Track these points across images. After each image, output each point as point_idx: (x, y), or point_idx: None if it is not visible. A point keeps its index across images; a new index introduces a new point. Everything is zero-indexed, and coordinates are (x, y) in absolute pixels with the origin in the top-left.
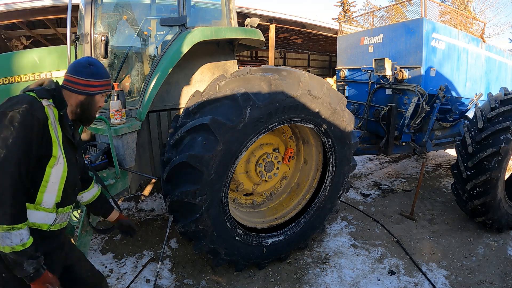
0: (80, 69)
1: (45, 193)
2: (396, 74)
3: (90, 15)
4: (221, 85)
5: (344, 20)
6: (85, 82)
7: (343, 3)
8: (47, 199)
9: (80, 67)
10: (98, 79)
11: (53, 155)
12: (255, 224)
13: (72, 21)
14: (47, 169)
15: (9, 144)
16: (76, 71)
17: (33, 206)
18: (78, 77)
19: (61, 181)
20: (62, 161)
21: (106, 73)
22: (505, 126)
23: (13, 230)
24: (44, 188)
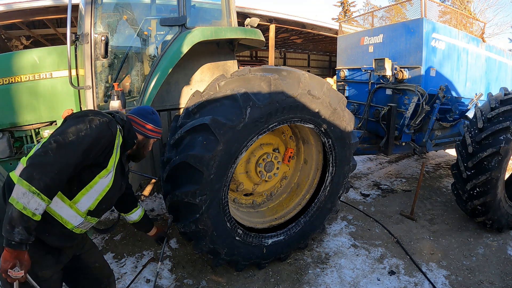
0: (145, 115)
1: (84, 196)
2: (396, 74)
3: (90, 15)
4: (221, 85)
5: (344, 20)
6: (148, 126)
7: (343, 3)
8: (84, 202)
9: (146, 113)
10: (157, 126)
11: (107, 168)
12: (255, 224)
13: (72, 21)
14: (96, 177)
15: (80, 135)
16: (143, 115)
17: (69, 202)
18: (144, 121)
19: (101, 193)
20: (110, 177)
21: (161, 124)
22: (505, 126)
23: (37, 196)
24: (86, 191)
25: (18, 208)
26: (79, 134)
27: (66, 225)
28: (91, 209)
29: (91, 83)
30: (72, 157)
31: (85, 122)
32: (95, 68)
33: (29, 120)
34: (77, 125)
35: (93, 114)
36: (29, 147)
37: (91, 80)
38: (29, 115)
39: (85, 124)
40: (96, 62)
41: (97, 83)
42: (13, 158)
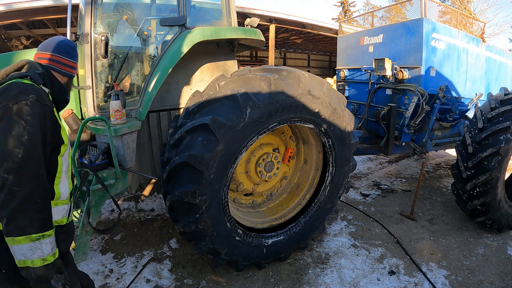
0: (70, 51)
1: (60, 185)
2: (396, 74)
3: (90, 15)
4: (221, 85)
5: (344, 20)
6: (73, 64)
7: (343, 3)
8: (63, 191)
9: (69, 49)
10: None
11: (64, 143)
12: (255, 224)
13: (72, 21)
14: (59, 160)
15: (25, 141)
16: (68, 53)
17: (53, 202)
18: (68, 59)
19: (69, 167)
20: (68, 147)
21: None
22: (505, 126)
23: (43, 238)
24: (59, 180)
25: (38, 265)
26: (22, 141)
27: (62, 222)
28: (71, 189)
29: (91, 83)
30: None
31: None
32: (95, 68)
33: None
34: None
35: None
36: None
37: (91, 80)
38: None
39: (18, 124)
40: (96, 62)
41: (97, 83)
42: None
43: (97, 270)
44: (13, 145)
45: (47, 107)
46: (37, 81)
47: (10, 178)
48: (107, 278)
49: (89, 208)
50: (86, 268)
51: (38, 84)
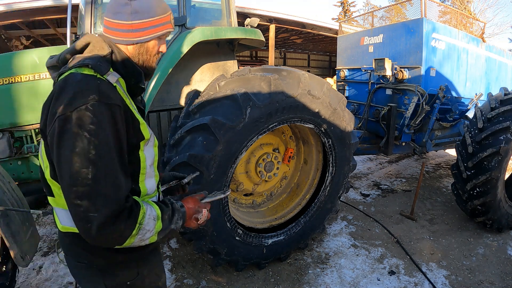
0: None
1: (145, 181)
2: (396, 74)
3: (90, 15)
4: (221, 85)
5: (344, 20)
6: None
7: (343, 3)
8: (150, 186)
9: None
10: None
11: (146, 138)
12: (255, 224)
13: (72, 21)
14: (141, 155)
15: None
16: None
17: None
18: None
19: (155, 159)
20: (152, 138)
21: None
22: (505, 126)
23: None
24: (143, 176)
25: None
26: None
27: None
28: (157, 180)
29: None
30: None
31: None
32: None
33: (29, 120)
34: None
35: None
36: (29, 147)
37: None
38: (29, 115)
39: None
40: None
41: None
42: (13, 158)
43: None
44: (80, 164)
45: (115, 105)
46: (101, 69)
47: (84, 205)
48: None
49: None
50: None
51: (102, 74)
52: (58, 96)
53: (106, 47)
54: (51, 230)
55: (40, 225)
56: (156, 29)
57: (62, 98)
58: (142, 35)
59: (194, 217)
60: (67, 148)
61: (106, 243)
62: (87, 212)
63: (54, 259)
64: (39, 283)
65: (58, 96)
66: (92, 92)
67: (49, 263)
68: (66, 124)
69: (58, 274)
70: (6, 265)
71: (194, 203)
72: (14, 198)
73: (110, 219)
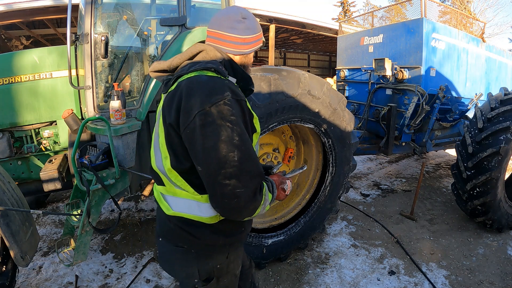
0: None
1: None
2: (396, 74)
3: (90, 15)
4: None
5: (344, 20)
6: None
7: (343, 3)
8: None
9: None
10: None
11: (257, 131)
12: (255, 224)
13: (72, 21)
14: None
15: (237, 142)
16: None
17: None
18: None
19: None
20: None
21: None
22: (505, 126)
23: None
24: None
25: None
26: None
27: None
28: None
29: (91, 83)
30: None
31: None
32: (95, 68)
33: (29, 120)
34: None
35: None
36: (29, 147)
37: (91, 80)
38: (29, 115)
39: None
40: (96, 62)
41: (97, 83)
42: (13, 158)
43: (97, 270)
44: (227, 150)
45: (243, 101)
46: (223, 72)
47: (232, 183)
48: (107, 278)
49: (89, 208)
50: (86, 268)
51: (225, 77)
52: (190, 94)
53: (219, 55)
54: (51, 230)
55: (40, 225)
56: (257, 43)
57: (196, 96)
58: (249, 48)
59: (281, 188)
60: (212, 137)
61: (246, 214)
62: (235, 189)
63: (54, 259)
64: (39, 283)
65: (190, 94)
66: (225, 89)
67: (49, 263)
68: (207, 118)
69: (58, 274)
70: (6, 265)
71: (278, 177)
72: (14, 198)
73: (253, 193)
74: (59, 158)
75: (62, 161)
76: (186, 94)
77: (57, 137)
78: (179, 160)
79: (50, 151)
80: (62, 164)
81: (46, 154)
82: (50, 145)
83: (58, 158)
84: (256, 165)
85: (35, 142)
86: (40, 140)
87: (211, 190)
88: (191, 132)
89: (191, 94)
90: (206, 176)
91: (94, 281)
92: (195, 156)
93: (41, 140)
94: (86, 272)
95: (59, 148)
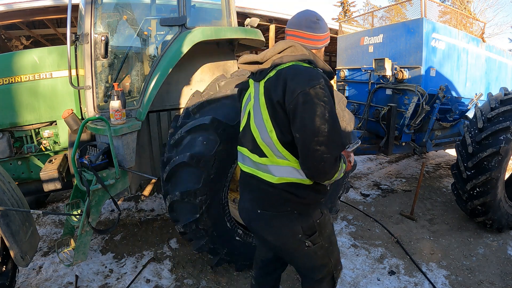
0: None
1: None
2: (396, 74)
3: (90, 15)
4: (221, 85)
5: (344, 20)
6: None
7: (343, 3)
8: None
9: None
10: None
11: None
12: None
13: (72, 21)
14: None
15: (328, 118)
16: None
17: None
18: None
19: None
20: None
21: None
22: (505, 126)
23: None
24: None
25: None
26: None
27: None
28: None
29: (91, 83)
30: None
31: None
32: (95, 68)
33: (29, 120)
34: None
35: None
36: (29, 147)
37: (91, 80)
38: (29, 115)
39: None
40: (96, 62)
41: (97, 83)
42: (13, 158)
43: (97, 270)
44: (320, 122)
45: (331, 87)
46: (315, 64)
47: (321, 149)
48: (107, 278)
49: (89, 208)
50: (86, 268)
51: (316, 67)
52: (293, 78)
53: (305, 50)
54: (51, 230)
55: (40, 225)
56: (327, 40)
57: (298, 80)
58: (322, 43)
59: (348, 160)
60: (310, 112)
61: (328, 177)
62: (323, 154)
63: (54, 259)
64: (39, 283)
65: (293, 78)
66: (320, 77)
67: (49, 263)
68: (306, 97)
69: (58, 274)
70: (6, 265)
71: (344, 152)
72: (14, 198)
73: (335, 159)
74: (59, 158)
75: (62, 161)
76: (291, 78)
77: (57, 137)
78: (283, 133)
79: (50, 151)
80: (62, 164)
81: (46, 154)
82: (50, 145)
83: (58, 158)
84: (340, 137)
85: (35, 142)
86: (40, 140)
87: (304, 153)
88: (294, 107)
89: (294, 78)
90: (301, 141)
91: (94, 281)
92: (295, 126)
93: (41, 140)
94: (86, 272)
95: (59, 148)
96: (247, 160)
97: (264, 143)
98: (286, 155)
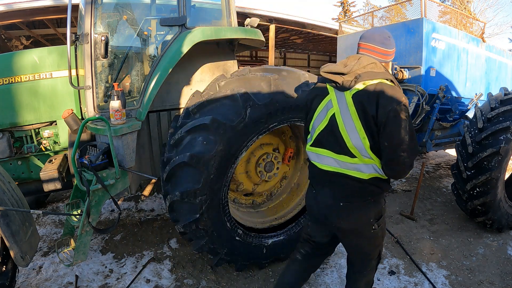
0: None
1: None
2: (396, 74)
3: (90, 15)
4: (221, 85)
5: (344, 20)
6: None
7: (343, 3)
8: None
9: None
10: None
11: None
12: (255, 224)
13: (72, 21)
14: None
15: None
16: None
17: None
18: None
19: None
20: None
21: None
22: (505, 126)
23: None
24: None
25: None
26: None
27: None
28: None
29: (91, 83)
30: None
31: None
32: (95, 68)
33: (29, 120)
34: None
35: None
36: (29, 147)
37: (91, 80)
38: (29, 115)
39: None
40: (96, 62)
41: (97, 83)
42: (13, 158)
43: (97, 270)
44: (404, 134)
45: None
46: (395, 83)
47: (404, 155)
48: (107, 278)
49: (89, 208)
50: (86, 268)
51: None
52: (385, 95)
53: (382, 68)
54: (51, 230)
55: (40, 225)
56: (393, 55)
57: (389, 97)
58: (390, 58)
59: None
60: (397, 126)
61: (404, 175)
62: (405, 158)
63: (54, 259)
64: (39, 283)
65: (385, 95)
66: (403, 96)
67: (49, 263)
68: (396, 113)
69: (58, 274)
70: (6, 265)
71: None
72: (14, 198)
73: (412, 162)
74: (59, 158)
75: (62, 161)
76: (382, 96)
77: (57, 137)
78: (374, 141)
79: (50, 151)
80: (62, 164)
81: (46, 154)
82: (50, 145)
83: (58, 158)
84: (417, 145)
85: (35, 142)
86: (40, 140)
87: (390, 157)
88: (385, 121)
89: (384, 96)
90: (389, 148)
91: (94, 281)
92: (384, 135)
93: (41, 140)
94: (86, 272)
95: (59, 148)
96: (329, 160)
97: (355, 146)
98: (371, 156)
